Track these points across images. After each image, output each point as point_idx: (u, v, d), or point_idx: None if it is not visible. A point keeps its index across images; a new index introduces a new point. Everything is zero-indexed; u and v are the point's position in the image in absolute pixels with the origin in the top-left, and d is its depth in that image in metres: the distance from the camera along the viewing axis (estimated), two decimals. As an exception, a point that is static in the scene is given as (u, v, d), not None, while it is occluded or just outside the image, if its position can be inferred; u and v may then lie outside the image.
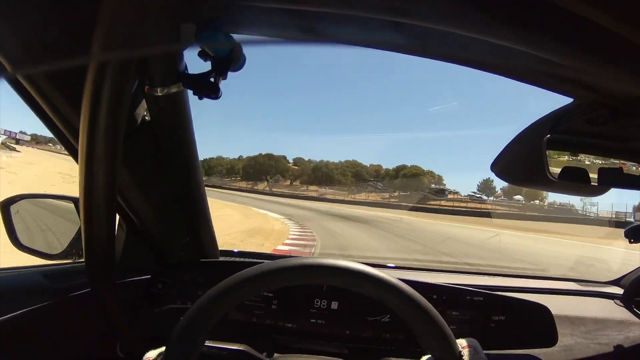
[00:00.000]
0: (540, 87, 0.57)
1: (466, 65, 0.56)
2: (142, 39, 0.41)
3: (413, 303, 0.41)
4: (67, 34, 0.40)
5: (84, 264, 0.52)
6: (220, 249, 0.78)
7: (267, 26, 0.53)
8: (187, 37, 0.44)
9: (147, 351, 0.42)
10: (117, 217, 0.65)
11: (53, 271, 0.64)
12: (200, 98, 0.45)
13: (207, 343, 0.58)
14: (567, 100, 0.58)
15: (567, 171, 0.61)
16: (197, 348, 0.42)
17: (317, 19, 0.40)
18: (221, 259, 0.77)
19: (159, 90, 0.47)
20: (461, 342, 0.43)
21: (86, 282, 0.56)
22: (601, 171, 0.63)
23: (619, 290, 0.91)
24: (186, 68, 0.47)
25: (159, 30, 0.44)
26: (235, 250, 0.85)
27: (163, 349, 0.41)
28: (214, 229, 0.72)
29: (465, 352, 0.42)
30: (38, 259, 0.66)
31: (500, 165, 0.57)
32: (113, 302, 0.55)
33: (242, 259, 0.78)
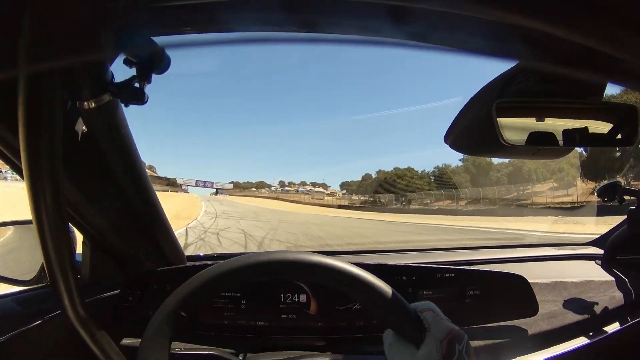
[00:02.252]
0: (482, 55, 0.56)
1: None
2: (65, 50, 0.41)
3: (355, 280, 0.40)
4: None
5: None
6: (187, 254, 0.78)
7: (201, 23, 0.52)
8: (108, 45, 0.44)
9: None
10: (80, 235, 0.66)
11: (27, 296, 0.64)
12: (127, 105, 0.44)
13: (179, 349, 0.59)
14: (512, 64, 0.57)
15: (529, 135, 0.60)
16: (166, 351, 0.42)
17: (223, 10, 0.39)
18: (188, 264, 0.77)
19: (90, 102, 0.46)
20: (417, 306, 0.42)
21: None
22: (566, 132, 0.62)
23: (599, 251, 0.91)
24: (113, 77, 0.46)
25: (80, 41, 0.43)
26: (201, 254, 0.85)
27: None
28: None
29: (423, 316, 0.41)
30: (13, 286, 0.67)
31: (453, 137, 0.55)
32: (85, 321, 0.55)
33: (206, 262, 0.78)
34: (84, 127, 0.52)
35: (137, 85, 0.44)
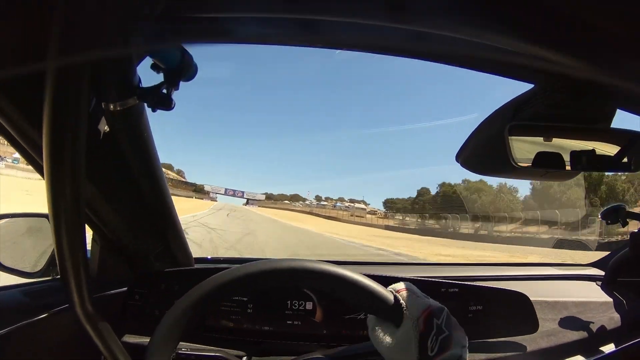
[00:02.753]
0: (501, 76, 0.57)
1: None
2: (95, 48, 0.42)
3: (327, 276, 0.41)
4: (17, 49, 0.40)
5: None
6: (195, 256, 0.79)
7: (230, 35, 0.53)
8: (138, 48, 0.45)
9: None
10: (91, 231, 0.66)
11: (34, 289, 0.65)
12: (154, 110, 0.45)
13: (185, 349, 0.59)
14: (528, 86, 0.58)
15: (537, 157, 0.61)
16: (173, 352, 0.43)
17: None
18: (196, 266, 0.78)
19: (116, 105, 0.47)
20: (393, 288, 0.43)
21: (65, 297, 0.56)
22: (573, 154, 0.63)
23: (600, 272, 0.92)
24: (140, 81, 0.47)
25: (110, 41, 0.44)
26: (209, 257, 0.85)
27: None
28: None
29: (400, 296, 0.41)
30: (19, 278, 0.67)
31: (465, 156, 0.57)
32: (92, 317, 0.55)
33: (214, 265, 0.79)
34: (106, 127, 0.53)
35: (164, 91, 0.45)
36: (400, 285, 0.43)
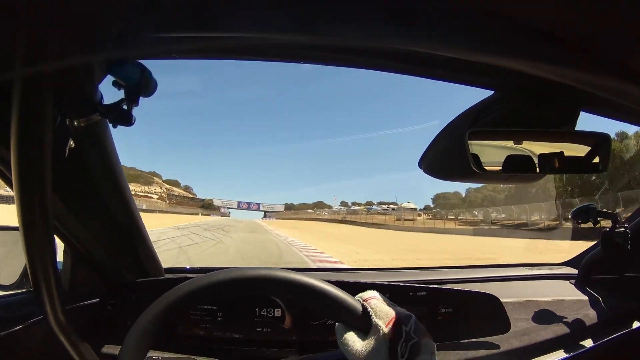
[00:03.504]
0: (460, 84, 0.59)
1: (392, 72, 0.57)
2: (57, 70, 0.43)
3: (296, 286, 0.42)
4: None
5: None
6: (165, 266, 0.80)
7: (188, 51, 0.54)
8: (98, 69, 0.46)
9: None
10: (62, 244, 0.67)
11: (8, 301, 0.65)
12: (115, 126, 0.46)
13: (156, 358, 0.60)
14: (489, 93, 0.60)
15: (506, 160, 0.62)
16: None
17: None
18: (166, 276, 0.79)
19: (80, 121, 0.48)
20: (361, 297, 0.43)
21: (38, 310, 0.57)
22: (542, 157, 0.64)
23: (573, 271, 0.93)
24: (102, 98, 0.48)
25: (73, 65, 0.45)
26: (178, 267, 0.86)
27: None
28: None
29: (367, 304, 0.42)
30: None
31: (427, 162, 0.58)
32: (65, 327, 0.56)
33: (184, 275, 0.80)
34: (71, 143, 0.53)
35: (125, 107, 0.46)
36: (368, 294, 0.44)
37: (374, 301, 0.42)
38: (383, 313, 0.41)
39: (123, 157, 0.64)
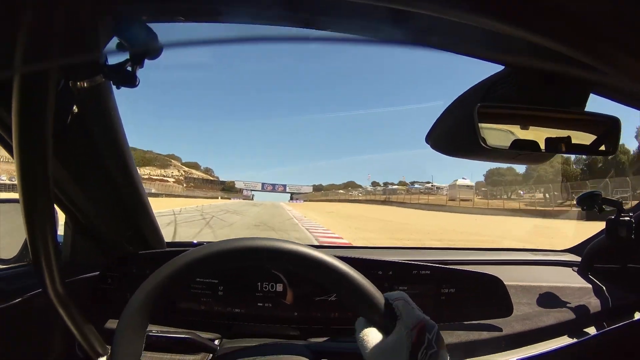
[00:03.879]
0: (470, 57, 0.58)
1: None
2: (62, 31, 0.42)
3: (327, 268, 0.41)
4: None
5: None
6: (167, 240, 0.79)
7: (194, 13, 0.53)
8: (104, 29, 0.45)
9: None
10: (63, 215, 0.66)
11: (8, 274, 0.65)
12: (118, 87, 0.45)
13: (155, 332, 0.60)
14: (499, 68, 0.59)
15: (513, 141, 0.61)
16: (142, 335, 0.43)
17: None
18: (168, 249, 0.78)
19: (83, 82, 0.47)
20: (389, 296, 0.43)
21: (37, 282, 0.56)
22: (549, 140, 0.64)
23: (576, 258, 0.93)
24: (106, 59, 0.47)
25: (77, 23, 0.44)
26: (182, 241, 0.85)
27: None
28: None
29: (395, 305, 0.41)
30: (-6, 264, 0.67)
31: (434, 137, 0.57)
32: (64, 300, 0.56)
33: (184, 248, 0.79)
34: (75, 108, 0.53)
35: (129, 68, 0.45)
36: (396, 294, 0.44)
37: (402, 303, 0.42)
38: (410, 317, 0.41)
39: (139, 138, 0.62)
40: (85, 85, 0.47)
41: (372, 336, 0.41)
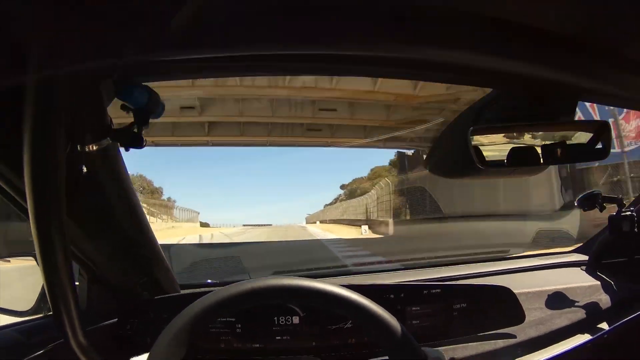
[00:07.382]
0: (458, 84, 0.60)
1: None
2: (68, 97, 0.44)
3: (370, 316, 0.42)
4: None
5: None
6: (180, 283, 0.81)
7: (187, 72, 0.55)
8: (107, 93, 0.47)
9: None
10: (77, 266, 0.67)
11: (27, 327, 0.66)
12: (127, 150, 0.47)
13: None
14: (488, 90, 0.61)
15: (509, 153, 0.63)
16: None
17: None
18: (182, 292, 0.80)
19: (91, 146, 0.49)
20: (427, 352, 0.44)
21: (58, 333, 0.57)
22: (545, 148, 0.65)
23: (584, 257, 0.94)
24: (111, 122, 0.49)
25: (82, 89, 0.46)
26: (194, 282, 0.87)
27: None
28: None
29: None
30: (11, 317, 0.68)
31: (432, 163, 0.59)
32: (87, 350, 0.57)
33: (199, 290, 0.80)
34: (84, 169, 0.54)
35: (135, 130, 0.47)
36: (435, 353, 0.45)
37: None
38: None
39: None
40: (94, 148, 0.49)
41: None
